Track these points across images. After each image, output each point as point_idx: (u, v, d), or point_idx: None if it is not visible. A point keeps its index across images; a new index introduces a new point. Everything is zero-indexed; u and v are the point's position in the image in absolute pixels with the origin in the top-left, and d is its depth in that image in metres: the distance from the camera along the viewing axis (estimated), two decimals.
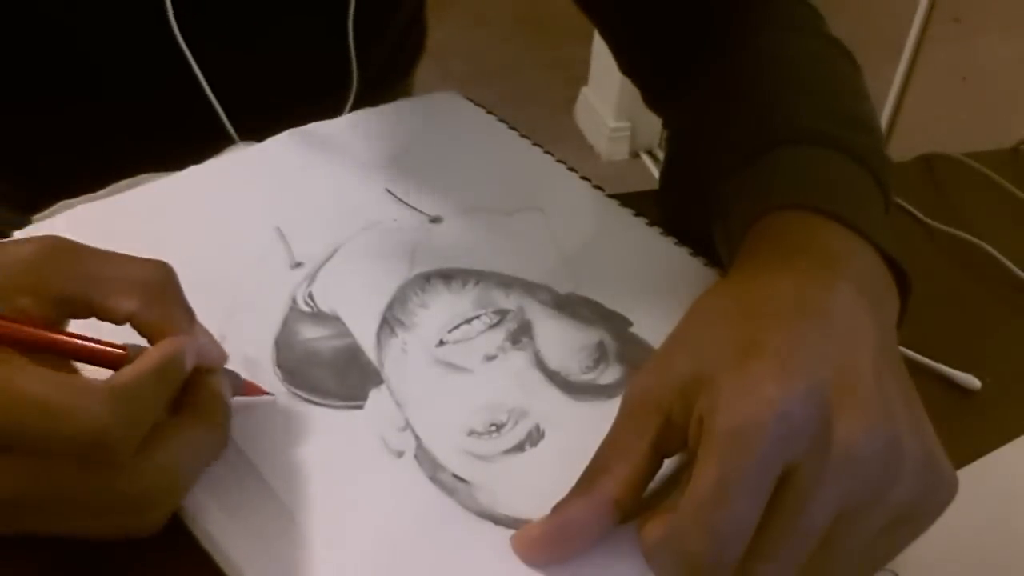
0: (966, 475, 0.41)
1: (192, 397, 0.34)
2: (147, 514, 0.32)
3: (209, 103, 0.56)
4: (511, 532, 0.34)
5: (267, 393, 0.38)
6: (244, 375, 0.39)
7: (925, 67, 1.50)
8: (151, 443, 0.31)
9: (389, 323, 0.42)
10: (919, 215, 0.60)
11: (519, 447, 0.37)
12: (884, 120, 1.56)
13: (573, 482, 0.36)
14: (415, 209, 0.49)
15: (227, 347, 0.40)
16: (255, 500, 0.35)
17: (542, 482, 0.36)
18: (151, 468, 0.31)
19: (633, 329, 0.43)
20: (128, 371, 0.32)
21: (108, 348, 0.33)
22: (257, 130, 0.53)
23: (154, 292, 0.34)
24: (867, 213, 0.40)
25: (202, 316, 0.40)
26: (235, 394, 0.37)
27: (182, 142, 0.48)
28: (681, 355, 0.34)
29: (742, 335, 0.33)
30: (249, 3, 0.58)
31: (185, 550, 0.34)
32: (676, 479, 0.35)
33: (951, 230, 0.59)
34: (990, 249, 0.56)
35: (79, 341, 0.33)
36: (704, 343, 0.34)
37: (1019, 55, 1.35)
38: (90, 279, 0.33)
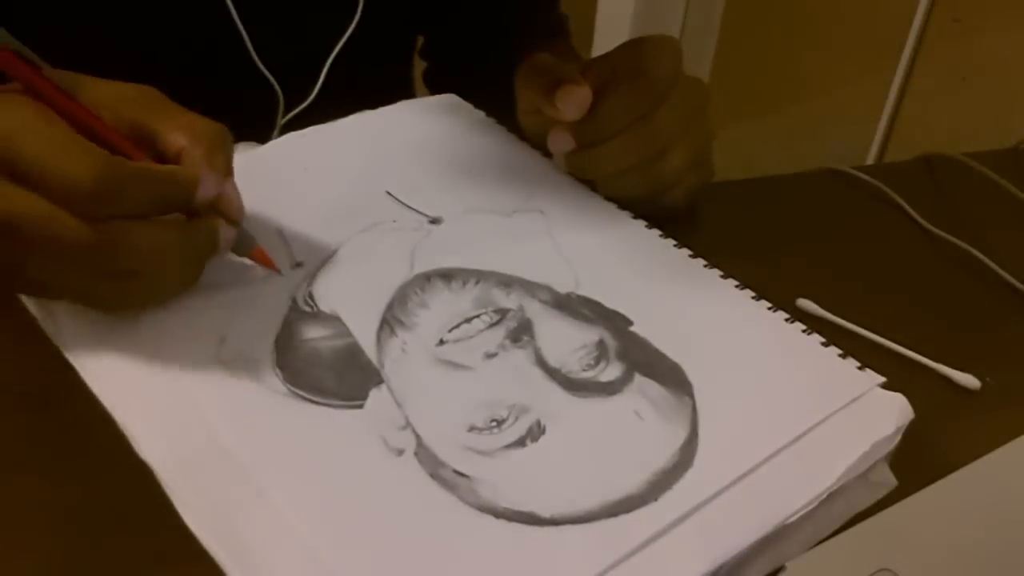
0: (966, 475, 0.41)
1: (191, 219, 0.40)
2: (110, 282, 0.38)
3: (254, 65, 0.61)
4: (512, 526, 0.34)
5: (275, 268, 0.44)
6: (244, 375, 0.39)
7: (925, 67, 1.50)
8: (131, 221, 0.37)
9: (389, 323, 0.42)
10: (919, 219, 0.60)
11: (520, 442, 0.37)
12: (884, 120, 1.56)
13: (574, 476, 0.36)
14: (415, 210, 0.49)
15: (227, 347, 0.40)
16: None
17: (543, 476, 0.36)
18: (121, 232, 0.37)
19: (633, 328, 0.43)
20: (139, 162, 0.39)
21: (134, 149, 0.39)
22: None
23: (204, 138, 0.40)
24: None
25: (202, 316, 0.41)
26: (244, 255, 0.43)
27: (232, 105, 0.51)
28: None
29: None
30: None
31: (185, 550, 0.34)
32: None
33: (949, 237, 0.59)
34: (984, 259, 0.56)
35: (118, 136, 0.39)
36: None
37: (1019, 55, 1.35)
38: (159, 116, 0.40)
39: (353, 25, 0.62)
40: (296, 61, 0.61)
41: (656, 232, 0.50)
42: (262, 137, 0.61)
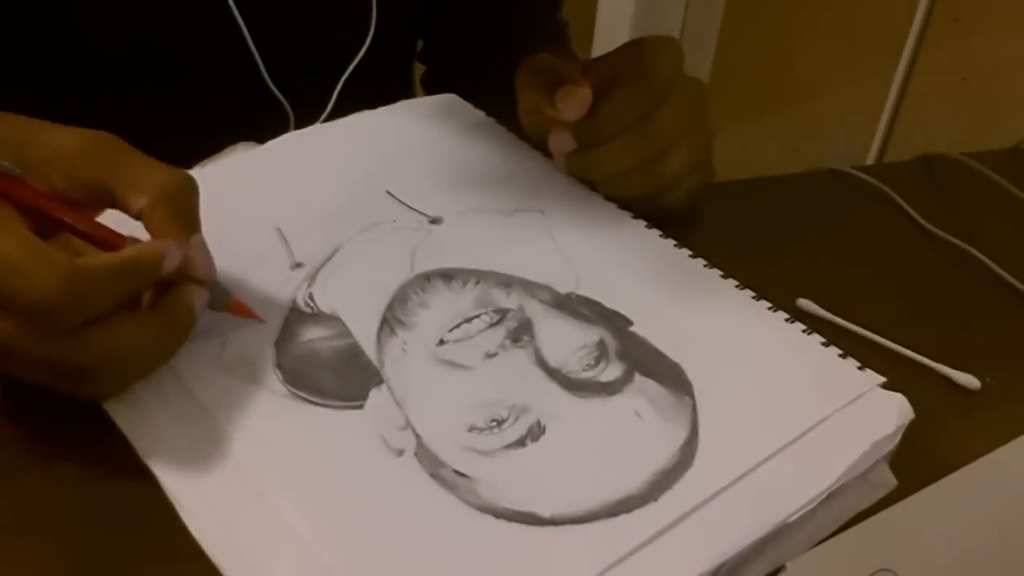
0: (966, 475, 0.41)
1: (160, 298, 0.38)
2: (88, 385, 0.37)
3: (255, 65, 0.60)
4: (512, 525, 0.34)
5: (256, 317, 0.41)
6: (244, 376, 0.39)
7: (925, 67, 1.50)
8: (101, 323, 0.35)
9: (389, 323, 0.42)
10: (918, 218, 0.60)
11: (520, 442, 0.37)
12: (884, 120, 1.56)
13: (574, 476, 0.36)
14: (415, 210, 0.49)
15: (227, 347, 0.40)
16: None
17: (543, 476, 0.36)
18: (91, 343, 0.35)
19: (633, 328, 0.43)
20: (98, 256, 0.36)
21: (104, 231, 0.38)
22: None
23: (165, 196, 0.38)
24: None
25: (203, 317, 0.41)
26: (222, 310, 0.40)
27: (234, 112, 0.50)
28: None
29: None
30: None
31: (186, 550, 0.34)
32: None
33: (949, 237, 0.59)
34: (984, 259, 0.56)
35: (79, 218, 0.37)
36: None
37: (1019, 55, 1.35)
38: (118, 174, 0.38)
39: (365, 47, 0.63)
40: (307, 81, 0.61)
41: (656, 232, 0.50)
42: None
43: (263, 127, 0.55)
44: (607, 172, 0.51)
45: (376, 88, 0.64)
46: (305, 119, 0.61)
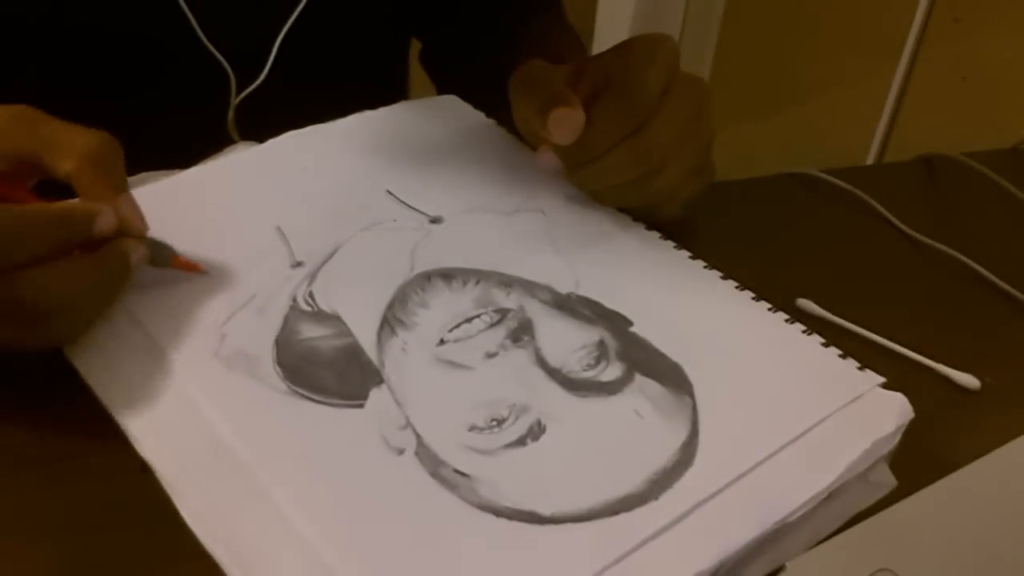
0: (966, 475, 0.41)
1: (96, 250, 0.39)
2: (25, 330, 0.38)
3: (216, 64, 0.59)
4: (513, 524, 0.34)
5: (199, 270, 0.42)
6: (245, 374, 0.39)
7: (925, 67, 1.50)
8: (35, 267, 0.36)
9: (389, 323, 0.42)
10: (902, 226, 0.60)
11: (520, 441, 0.37)
12: (884, 120, 1.56)
13: (574, 474, 0.36)
14: (415, 209, 0.49)
15: (227, 345, 0.40)
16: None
17: (543, 475, 0.36)
18: (25, 283, 0.36)
19: (633, 328, 0.43)
20: (31, 206, 0.38)
21: (26, 193, 0.39)
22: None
23: (92, 158, 0.40)
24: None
25: (202, 314, 0.41)
26: (164, 266, 0.42)
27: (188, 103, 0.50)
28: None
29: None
30: None
31: (186, 549, 0.34)
32: None
33: (938, 245, 0.59)
34: (974, 264, 0.56)
35: (9, 187, 0.39)
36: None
37: (1019, 55, 1.35)
38: (42, 141, 0.39)
39: (302, 4, 0.61)
40: (246, 41, 0.60)
41: (656, 234, 0.50)
42: (217, 118, 0.60)
43: (203, 89, 0.55)
44: (602, 186, 0.50)
45: (326, 57, 0.63)
46: (246, 80, 0.61)
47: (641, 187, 0.49)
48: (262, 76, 0.60)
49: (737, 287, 0.46)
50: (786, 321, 0.45)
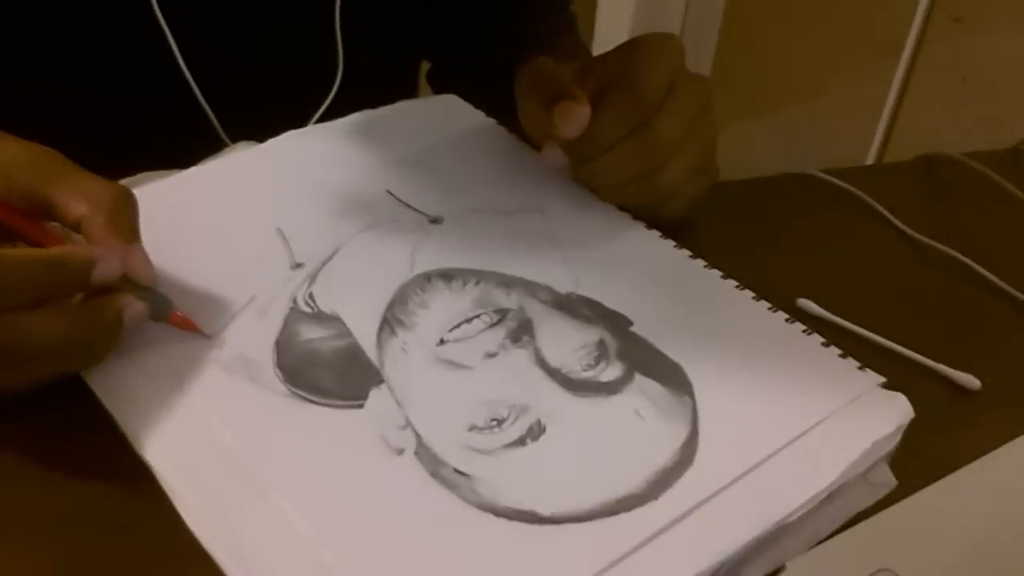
0: (966, 475, 0.41)
1: (86, 299, 0.38)
2: (5, 372, 0.36)
3: (192, 93, 0.59)
4: (513, 524, 0.34)
5: (199, 330, 0.40)
6: (244, 378, 0.39)
7: (925, 67, 1.50)
8: (21, 312, 0.35)
9: (389, 323, 0.42)
10: (902, 226, 0.60)
11: (520, 441, 0.37)
12: (884, 120, 1.56)
13: (574, 475, 0.36)
14: (415, 210, 0.49)
15: (227, 347, 0.40)
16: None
17: (544, 475, 0.36)
18: (7, 327, 0.35)
19: (633, 328, 0.43)
20: (25, 249, 0.37)
21: (42, 232, 0.39)
22: (244, 125, 0.56)
23: (104, 206, 0.39)
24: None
25: (202, 315, 0.41)
26: (160, 320, 0.40)
27: (171, 140, 0.50)
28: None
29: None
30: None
31: (185, 550, 0.34)
32: None
33: (938, 245, 0.59)
34: (973, 264, 0.56)
35: (17, 219, 0.38)
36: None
37: (1019, 55, 1.35)
38: (56, 183, 0.39)
39: (331, 95, 0.62)
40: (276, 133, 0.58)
41: (656, 233, 0.50)
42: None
43: (193, 141, 0.54)
44: (605, 183, 0.50)
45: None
46: None
47: (645, 184, 0.49)
48: None
49: (737, 287, 0.46)
50: (786, 321, 0.45)
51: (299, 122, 0.56)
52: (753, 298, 0.46)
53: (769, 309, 0.45)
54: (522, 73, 0.51)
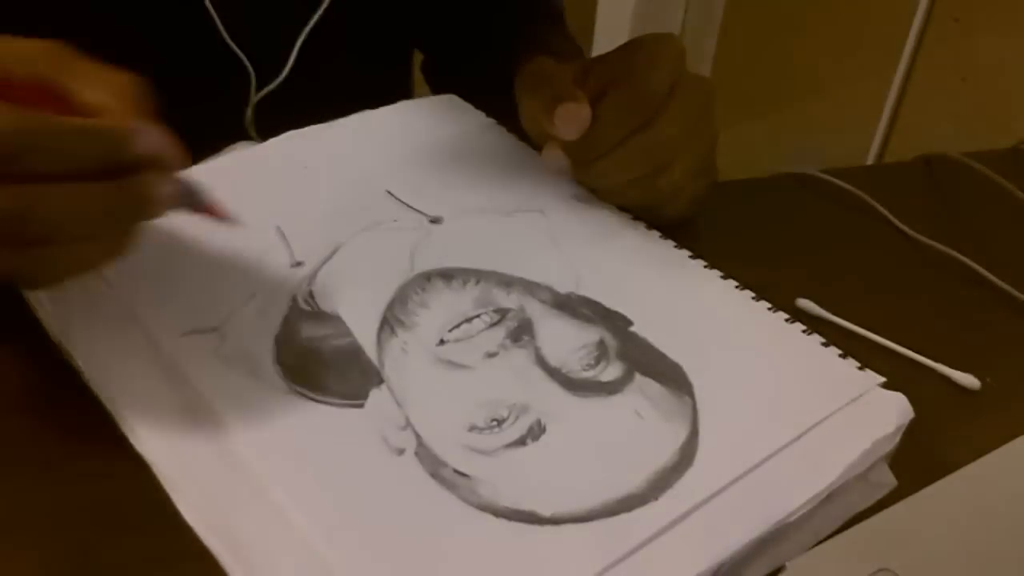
0: (966, 475, 0.41)
1: (122, 176, 0.35)
2: (30, 253, 0.34)
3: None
4: (513, 525, 0.34)
5: (229, 218, 0.40)
6: (244, 374, 0.39)
7: (925, 67, 1.50)
8: (50, 183, 0.33)
9: (389, 323, 0.42)
10: (902, 226, 0.60)
11: (520, 441, 0.37)
12: (884, 120, 1.56)
13: (574, 475, 0.36)
14: (415, 209, 0.49)
15: (227, 345, 0.40)
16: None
17: (543, 475, 0.36)
18: (36, 196, 0.33)
19: (633, 328, 0.43)
20: (61, 117, 0.34)
21: (68, 107, 0.36)
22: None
23: (127, 92, 0.36)
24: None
25: (202, 314, 0.41)
26: (191, 210, 0.39)
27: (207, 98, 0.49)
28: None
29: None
30: None
31: (186, 549, 0.34)
32: None
33: (938, 245, 0.59)
34: (978, 267, 0.56)
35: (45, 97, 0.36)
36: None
37: (1019, 55, 1.35)
38: (75, 71, 0.36)
39: (325, 3, 0.62)
40: (268, 40, 0.60)
41: (656, 233, 0.50)
42: (236, 116, 0.60)
43: (223, 87, 0.54)
44: (608, 184, 0.50)
45: (346, 59, 0.63)
46: (267, 78, 0.61)
47: (646, 185, 0.49)
48: (283, 75, 0.61)
49: (737, 287, 0.46)
50: (786, 321, 0.45)
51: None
52: (753, 298, 0.46)
53: (769, 309, 0.45)
54: (522, 73, 0.51)
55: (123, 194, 0.35)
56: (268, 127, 0.55)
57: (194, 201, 0.39)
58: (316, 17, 0.61)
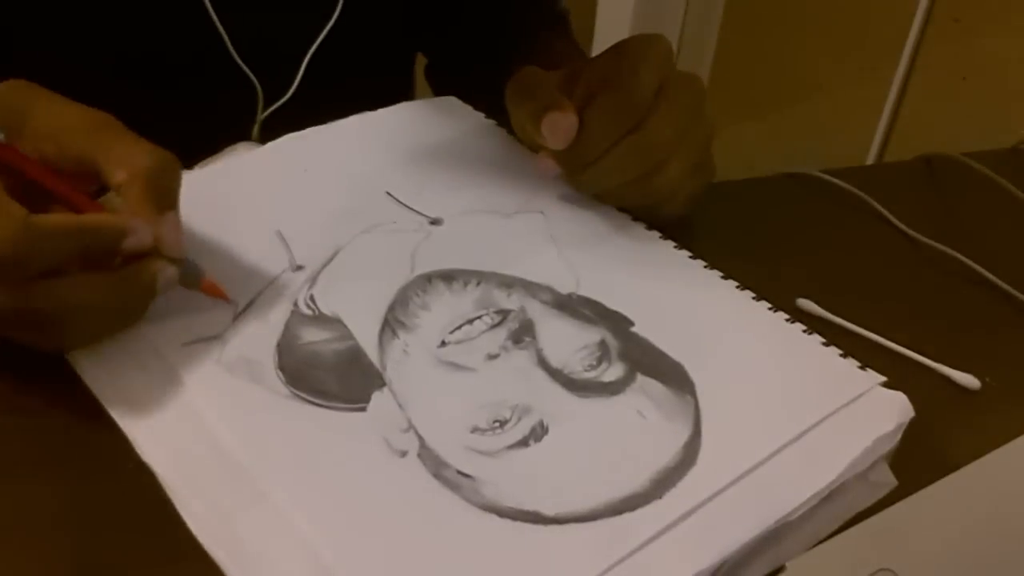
0: (966, 475, 0.41)
1: (122, 267, 0.39)
2: (44, 336, 0.39)
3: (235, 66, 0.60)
4: (516, 525, 0.34)
5: (225, 298, 0.42)
6: (246, 379, 0.39)
7: (925, 67, 1.50)
8: (57, 277, 0.37)
9: (391, 325, 0.42)
10: (902, 227, 0.60)
11: (523, 442, 0.38)
12: (884, 120, 1.56)
13: (577, 475, 0.36)
14: (415, 211, 0.49)
15: (228, 348, 0.40)
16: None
17: (546, 475, 0.36)
18: (44, 293, 0.37)
19: (634, 328, 0.43)
20: (60, 215, 0.39)
21: (82, 198, 0.40)
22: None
23: (143, 173, 0.39)
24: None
25: (204, 323, 0.41)
26: (191, 287, 0.42)
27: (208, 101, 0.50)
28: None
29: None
30: None
31: (186, 550, 0.34)
32: None
33: (938, 245, 0.59)
34: (978, 267, 0.56)
35: (60, 183, 0.39)
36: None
37: (1019, 55, 1.35)
38: (104, 148, 0.40)
39: (332, 21, 0.62)
40: (275, 57, 0.61)
41: (656, 234, 0.50)
42: (243, 132, 0.61)
43: (229, 104, 0.55)
44: (603, 188, 0.50)
45: (352, 75, 0.64)
46: (274, 95, 0.61)
47: (643, 186, 0.49)
48: (290, 92, 0.61)
49: (737, 287, 0.47)
50: (786, 321, 0.45)
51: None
52: (753, 298, 0.46)
53: (769, 309, 0.45)
54: (511, 83, 0.51)
55: (124, 283, 0.39)
56: None
57: (194, 280, 0.42)
58: (323, 34, 0.62)
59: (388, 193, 0.50)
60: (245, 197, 0.49)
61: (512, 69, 0.52)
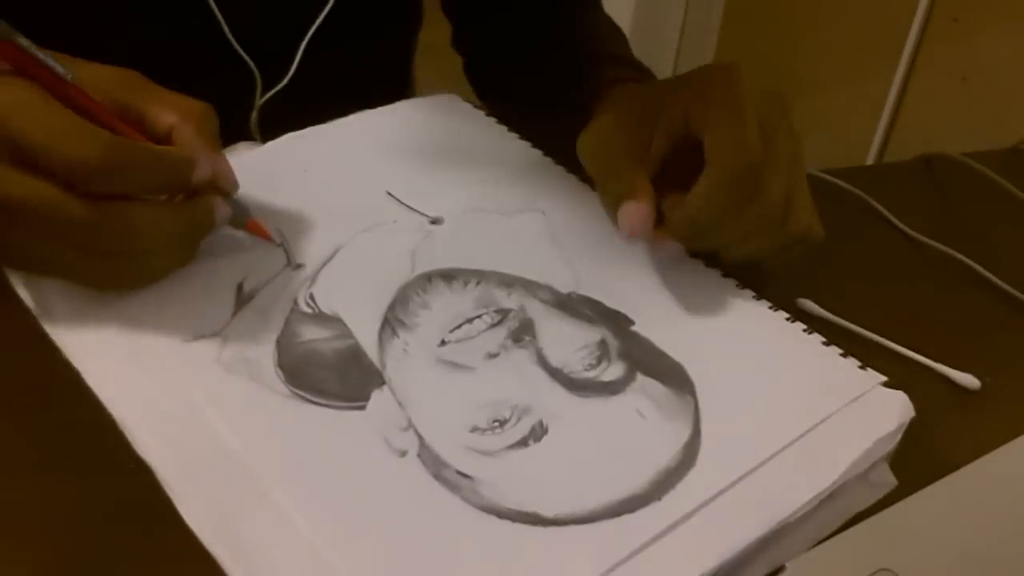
0: (966, 475, 0.41)
1: (187, 198, 0.41)
2: (105, 260, 0.39)
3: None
4: (516, 526, 0.34)
5: (271, 238, 0.45)
6: (246, 377, 0.39)
7: (925, 67, 1.50)
8: (129, 202, 0.38)
9: (391, 324, 0.42)
10: (903, 227, 0.60)
11: (523, 442, 0.37)
12: (884, 120, 1.56)
13: (577, 476, 0.36)
14: (415, 210, 0.49)
15: (228, 346, 0.40)
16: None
17: (546, 476, 0.36)
18: (118, 212, 0.37)
19: (634, 328, 0.43)
20: (141, 143, 0.39)
21: (140, 136, 0.41)
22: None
23: (192, 116, 0.42)
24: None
25: (204, 317, 0.41)
26: (237, 226, 0.44)
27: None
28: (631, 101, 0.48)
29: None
30: None
31: (186, 549, 0.34)
32: None
33: (938, 245, 0.59)
34: (978, 267, 0.56)
35: (120, 122, 0.40)
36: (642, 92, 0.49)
37: (1019, 55, 1.35)
38: (147, 96, 0.42)
39: (329, 5, 0.62)
40: (273, 42, 0.60)
41: None
42: (241, 119, 0.61)
43: (227, 90, 0.55)
44: (729, 249, 0.46)
45: (351, 60, 0.64)
46: (271, 81, 0.61)
47: (771, 236, 0.45)
48: (288, 77, 0.61)
49: (738, 286, 0.46)
50: (787, 320, 0.45)
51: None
52: (753, 298, 0.46)
53: (769, 309, 0.45)
54: (582, 142, 0.48)
55: (188, 215, 0.41)
56: (272, 129, 0.55)
57: (241, 220, 0.44)
58: (320, 19, 0.62)
59: (388, 192, 0.50)
60: (245, 196, 0.49)
61: (560, 53, 0.51)
